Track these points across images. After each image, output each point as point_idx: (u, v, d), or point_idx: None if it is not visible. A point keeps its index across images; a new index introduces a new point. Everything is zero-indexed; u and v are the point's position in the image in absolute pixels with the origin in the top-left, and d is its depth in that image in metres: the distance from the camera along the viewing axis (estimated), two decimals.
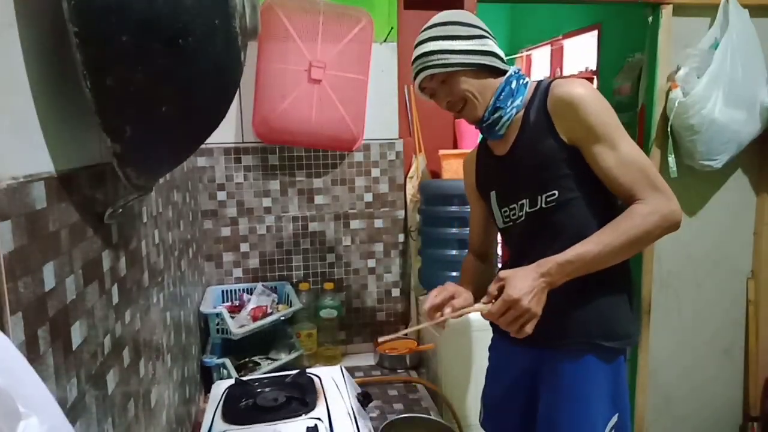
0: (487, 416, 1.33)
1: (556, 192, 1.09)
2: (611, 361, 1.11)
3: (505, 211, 1.20)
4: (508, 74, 1.14)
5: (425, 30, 1.14)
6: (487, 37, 1.13)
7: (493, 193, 1.23)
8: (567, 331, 1.11)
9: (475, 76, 1.11)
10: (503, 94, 1.12)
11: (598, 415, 1.09)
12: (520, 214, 1.15)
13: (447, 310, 1.12)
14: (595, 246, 1.00)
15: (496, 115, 1.13)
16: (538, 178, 1.11)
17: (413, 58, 1.15)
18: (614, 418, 1.10)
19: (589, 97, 1.04)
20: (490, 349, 1.35)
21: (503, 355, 1.29)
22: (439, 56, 1.10)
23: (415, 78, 1.15)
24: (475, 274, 1.32)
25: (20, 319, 0.49)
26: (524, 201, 1.14)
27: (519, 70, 1.17)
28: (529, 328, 1.00)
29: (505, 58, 1.15)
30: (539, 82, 1.16)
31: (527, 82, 1.16)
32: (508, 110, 1.12)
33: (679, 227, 1.02)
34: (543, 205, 1.10)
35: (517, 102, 1.13)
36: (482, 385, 1.36)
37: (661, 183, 1.03)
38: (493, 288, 1.04)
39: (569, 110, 1.05)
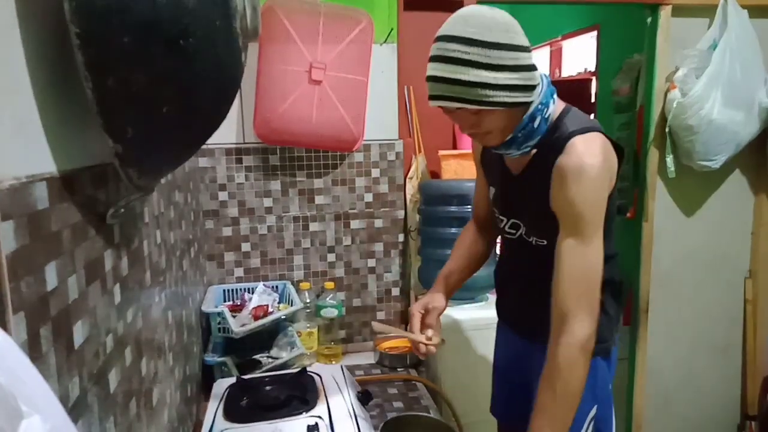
0: (495, 399, 1.39)
1: (545, 241, 1.13)
2: (596, 362, 1.15)
3: (495, 213, 1.25)
4: (532, 109, 1.02)
5: (465, 41, 0.93)
6: (534, 67, 1.00)
7: (492, 189, 1.25)
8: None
9: (508, 112, 1.00)
10: (524, 131, 1.04)
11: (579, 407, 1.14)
12: (512, 231, 1.20)
13: (429, 332, 1.23)
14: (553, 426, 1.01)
15: (509, 150, 1.09)
16: (533, 222, 1.15)
17: (437, 75, 0.97)
18: (593, 410, 1.15)
19: (586, 178, 0.98)
20: (497, 328, 1.41)
21: (504, 337, 1.37)
22: (481, 91, 0.94)
23: (435, 98, 1.00)
24: (464, 253, 1.36)
25: (22, 318, 0.49)
26: (520, 225, 1.17)
27: (548, 92, 1.04)
28: None
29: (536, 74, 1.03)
30: (561, 120, 1.06)
31: (549, 116, 1.05)
32: (522, 148, 1.08)
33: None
34: (533, 243, 1.16)
35: (534, 141, 1.07)
36: (481, 383, 1.38)
37: (596, 302, 1.02)
38: None
39: (562, 184, 1.00)
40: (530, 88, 1.00)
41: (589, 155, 0.99)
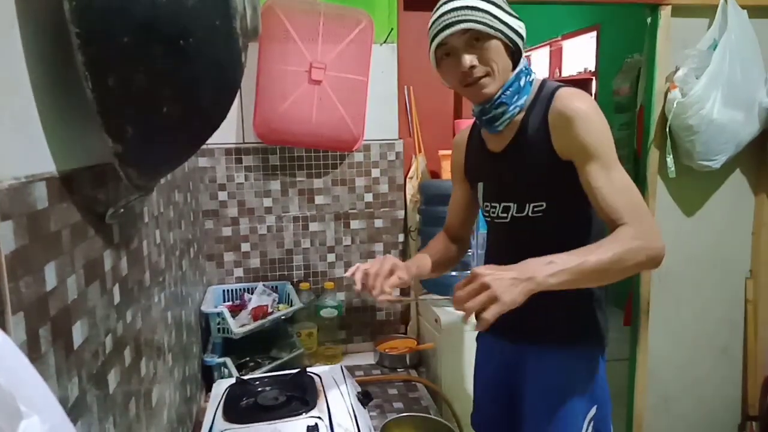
0: (476, 411, 1.35)
1: (544, 203, 1.10)
2: (590, 360, 1.16)
3: (487, 206, 1.22)
4: (518, 68, 1.09)
5: None
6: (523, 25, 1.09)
7: (480, 185, 1.24)
8: (549, 330, 1.15)
9: (505, 53, 1.06)
10: (511, 88, 1.08)
11: (578, 408, 1.14)
12: (504, 215, 1.17)
13: (387, 288, 1.12)
14: (582, 260, 0.92)
15: (500, 110, 1.09)
16: (529, 186, 1.11)
17: (445, 9, 1.04)
18: (593, 410, 1.15)
19: (589, 114, 1.02)
20: (477, 339, 1.37)
21: (487, 349, 1.32)
22: (488, 16, 1.02)
23: (443, 29, 1.04)
24: (440, 250, 1.34)
25: (21, 318, 0.49)
26: (511, 205, 1.15)
27: (528, 64, 1.13)
28: (489, 314, 0.86)
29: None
30: (543, 83, 1.13)
31: (533, 80, 1.12)
32: (511, 108, 1.09)
33: (659, 266, 0.98)
34: (529, 213, 1.12)
35: (521, 101, 1.10)
36: None
37: (648, 216, 0.99)
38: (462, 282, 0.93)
39: (568, 125, 1.02)
40: (522, 39, 1.08)
41: (582, 96, 1.05)
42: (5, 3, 0.52)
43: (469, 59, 1.04)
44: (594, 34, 3.17)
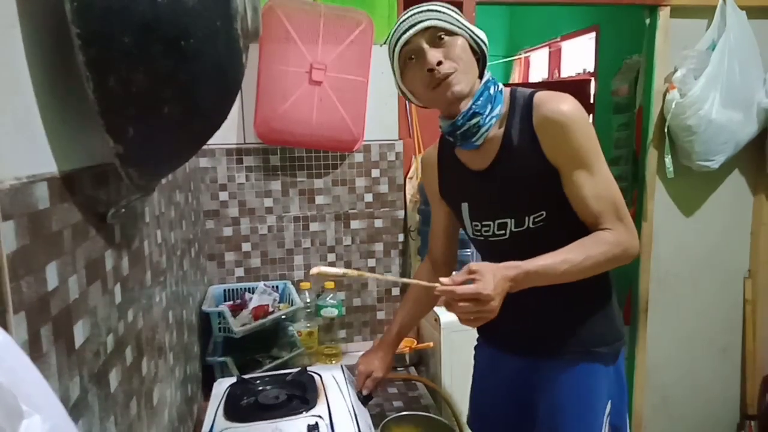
0: (474, 418, 1.34)
1: (544, 212, 1.06)
2: (607, 362, 1.13)
3: (477, 226, 1.17)
4: (485, 78, 1.07)
5: (434, 3, 1.08)
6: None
7: (465, 205, 1.18)
8: (563, 341, 1.12)
9: (471, 54, 1.06)
10: (482, 98, 1.05)
11: (597, 412, 1.12)
12: (501, 232, 1.12)
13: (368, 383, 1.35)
14: (561, 263, 0.99)
15: (474, 121, 1.05)
16: (526, 198, 1.07)
17: (407, 15, 1.05)
18: (608, 407, 1.13)
19: (577, 117, 1.01)
20: (476, 349, 1.35)
21: (489, 360, 1.29)
22: (450, 17, 1.03)
23: (406, 30, 1.03)
24: (419, 299, 1.37)
25: (23, 318, 0.50)
26: (508, 221, 1.10)
27: (493, 77, 1.11)
28: (478, 324, 0.97)
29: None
30: (514, 92, 1.10)
31: (501, 90, 1.09)
32: (487, 119, 1.05)
33: (632, 261, 1.06)
34: (530, 225, 1.08)
35: (496, 111, 1.06)
36: None
37: (627, 217, 1.04)
38: (460, 277, 0.96)
39: (558, 131, 1.01)
40: (486, 48, 1.08)
41: (565, 98, 1.04)
42: (6, 3, 0.52)
43: (435, 55, 1.02)
44: (593, 34, 3.17)
